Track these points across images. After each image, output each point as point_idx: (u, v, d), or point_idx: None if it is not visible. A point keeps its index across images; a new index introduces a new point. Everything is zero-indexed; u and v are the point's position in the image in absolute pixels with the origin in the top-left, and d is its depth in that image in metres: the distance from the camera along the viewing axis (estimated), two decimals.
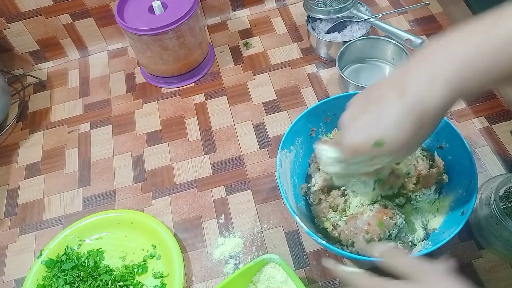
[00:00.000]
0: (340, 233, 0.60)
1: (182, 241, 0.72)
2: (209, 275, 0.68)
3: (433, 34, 0.93)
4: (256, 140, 0.82)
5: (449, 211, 0.61)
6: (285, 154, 0.65)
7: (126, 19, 0.85)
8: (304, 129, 0.68)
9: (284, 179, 0.63)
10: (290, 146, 0.67)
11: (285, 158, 0.65)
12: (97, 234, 0.73)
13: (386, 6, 1.00)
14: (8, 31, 0.95)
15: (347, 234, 0.59)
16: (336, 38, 0.90)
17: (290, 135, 0.66)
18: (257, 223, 0.72)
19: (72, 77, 0.99)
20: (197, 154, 0.82)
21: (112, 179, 0.81)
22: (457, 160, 0.62)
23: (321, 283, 0.65)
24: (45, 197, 0.80)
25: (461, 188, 0.61)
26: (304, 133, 0.69)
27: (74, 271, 0.68)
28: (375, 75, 0.87)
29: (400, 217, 0.59)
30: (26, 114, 0.94)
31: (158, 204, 0.76)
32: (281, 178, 0.62)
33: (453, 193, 0.62)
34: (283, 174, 0.63)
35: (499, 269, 0.63)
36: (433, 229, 0.62)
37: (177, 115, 0.88)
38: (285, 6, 1.04)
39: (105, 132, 0.88)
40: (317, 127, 0.70)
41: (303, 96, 0.87)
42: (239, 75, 0.93)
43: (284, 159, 0.65)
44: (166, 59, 0.87)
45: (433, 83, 0.39)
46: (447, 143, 0.64)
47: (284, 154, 0.65)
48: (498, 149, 0.75)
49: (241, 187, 0.76)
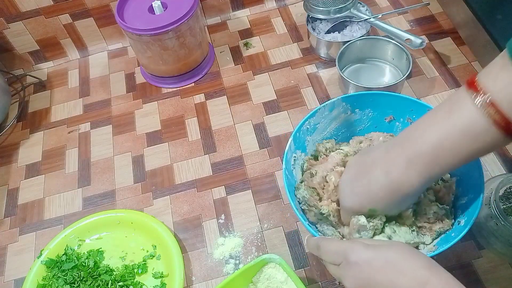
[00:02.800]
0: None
1: (182, 241, 0.72)
2: (209, 275, 0.68)
3: (433, 34, 0.93)
4: (256, 140, 0.82)
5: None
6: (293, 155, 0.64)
7: (126, 19, 0.85)
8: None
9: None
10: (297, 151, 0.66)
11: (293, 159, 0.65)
12: (97, 234, 0.73)
13: (386, 6, 1.00)
14: (8, 31, 0.95)
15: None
16: (336, 38, 0.90)
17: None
18: (257, 223, 0.72)
19: (72, 77, 0.99)
20: (197, 154, 0.82)
21: (112, 179, 0.81)
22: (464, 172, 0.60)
23: (321, 283, 0.65)
24: (45, 197, 0.80)
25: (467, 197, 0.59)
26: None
27: (74, 271, 0.68)
28: (375, 75, 0.87)
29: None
30: (26, 114, 0.94)
31: (158, 204, 0.77)
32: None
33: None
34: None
35: (499, 269, 0.63)
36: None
37: (177, 115, 0.88)
38: (285, 6, 1.04)
39: (105, 132, 0.88)
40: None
41: (303, 96, 0.87)
42: (239, 75, 0.93)
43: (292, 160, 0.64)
44: (166, 59, 0.87)
45: (409, 170, 0.48)
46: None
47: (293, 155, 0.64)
48: (498, 149, 0.74)
49: (241, 187, 0.76)
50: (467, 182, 0.59)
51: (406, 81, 0.85)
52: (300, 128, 0.65)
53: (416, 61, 0.88)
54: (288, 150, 0.62)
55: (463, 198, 0.59)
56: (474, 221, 0.53)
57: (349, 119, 0.68)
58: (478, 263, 0.64)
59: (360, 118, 0.68)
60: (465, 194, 0.59)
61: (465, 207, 0.58)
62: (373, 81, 0.86)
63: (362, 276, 0.44)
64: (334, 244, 0.49)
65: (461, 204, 0.59)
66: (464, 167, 0.57)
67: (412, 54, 0.86)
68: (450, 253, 0.65)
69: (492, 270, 0.63)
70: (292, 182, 0.62)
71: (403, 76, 0.79)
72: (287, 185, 0.59)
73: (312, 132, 0.67)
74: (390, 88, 0.79)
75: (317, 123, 0.66)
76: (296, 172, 0.64)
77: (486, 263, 0.64)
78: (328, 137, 0.68)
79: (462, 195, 0.60)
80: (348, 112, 0.68)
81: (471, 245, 0.65)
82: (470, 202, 0.57)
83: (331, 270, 0.49)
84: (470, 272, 0.63)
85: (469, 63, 0.87)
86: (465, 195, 0.59)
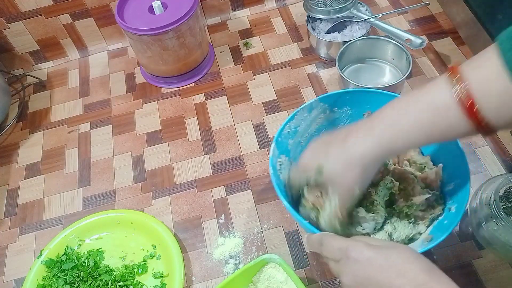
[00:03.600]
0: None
1: (182, 241, 0.72)
2: (209, 275, 0.68)
3: (433, 34, 0.93)
4: (256, 140, 0.82)
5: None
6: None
7: (126, 19, 0.85)
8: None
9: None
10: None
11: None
12: (97, 234, 0.73)
13: (386, 6, 1.00)
14: (8, 31, 0.95)
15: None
16: (336, 38, 0.90)
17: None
18: (257, 223, 0.72)
19: (72, 77, 0.99)
20: (197, 154, 0.82)
21: (112, 179, 0.81)
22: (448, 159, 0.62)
23: (321, 283, 0.65)
24: (45, 197, 0.80)
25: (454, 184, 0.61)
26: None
27: (74, 271, 0.68)
28: (375, 75, 0.87)
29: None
30: (26, 114, 0.94)
31: (158, 204, 0.76)
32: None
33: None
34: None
35: (499, 269, 0.63)
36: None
37: (177, 115, 0.88)
38: (285, 6, 1.04)
39: (105, 132, 0.88)
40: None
41: (303, 96, 0.87)
42: (239, 75, 0.93)
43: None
44: (166, 59, 0.87)
45: (367, 136, 0.49)
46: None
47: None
48: (498, 149, 0.75)
49: (241, 187, 0.76)
50: (452, 168, 0.61)
51: (406, 81, 0.85)
52: (281, 132, 0.65)
53: (416, 61, 0.88)
54: (273, 156, 0.62)
55: (450, 184, 0.61)
56: (465, 208, 0.55)
57: (329, 118, 0.69)
58: (478, 263, 0.64)
59: (339, 117, 0.69)
60: (451, 180, 0.61)
61: (453, 193, 0.60)
62: (373, 81, 0.86)
63: (360, 273, 0.44)
64: (338, 241, 0.49)
65: (449, 190, 0.61)
66: (446, 154, 0.61)
67: (412, 54, 0.86)
68: (450, 253, 0.65)
69: (492, 270, 0.63)
70: (281, 186, 0.61)
71: (403, 76, 0.79)
72: (278, 189, 0.58)
73: (294, 135, 0.67)
74: (390, 88, 0.78)
75: (298, 125, 0.67)
76: (283, 177, 0.63)
77: (486, 263, 0.64)
78: (309, 138, 0.68)
79: (449, 181, 0.62)
80: (327, 111, 0.68)
81: (471, 245, 0.65)
82: (458, 187, 0.59)
83: (332, 266, 0.49)
84: (470, 272, 0.63)
85: None
86: (451, 181, 0.61)
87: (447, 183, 0.62)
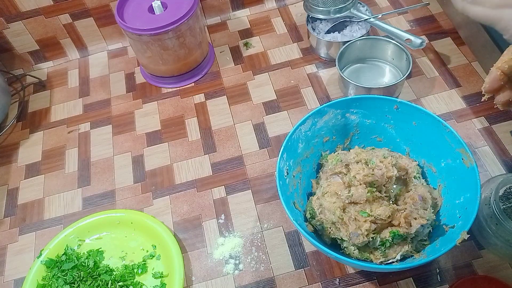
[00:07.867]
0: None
1: (182, 241, 0.72)
2: (209, 275, 0.68)
3: (433, 34, 0.93)
4: (256, 140, 0.82)
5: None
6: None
7: (126, 19, 0.85)
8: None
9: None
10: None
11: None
12: (97, 234, 0.73)
13: (386, 6, 1.00)
14: (8, 31, 0.95)
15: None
16: (336, 38, 0.90)
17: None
18: (257, 223, 0.72)
19: (72, 77, 0.99)
20: (197, 154, 0.82)
21: (112, 179, 0.81)
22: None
23: (321, 283, 0.65)
24: (45, 197, 0.80)
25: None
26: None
27: (74, 271, 0.68)
28: (375, 75, 0.87)
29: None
30: (26, 114, 0.94)
31: (158, 204, 0.76)
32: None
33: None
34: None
35: (499, 269, 0.63)
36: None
37: (177, 115, 0.88)
38: (285, 6, 1.04)
39: (105, 132, 0.88)
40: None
41: (303, 96, 0.87)
42: (239, 75, 0.93)
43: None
44: (166, 59, 0.87)
45: None
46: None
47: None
48: (498, 149, 0.75)
49: (241, 187, 0.76)
50: (459, 184, 0.60)
51: (406, 81, 0.85)
52: (291, 137, 0.64)
53: (416, 61, 0.88)
54: (281, 160, 0.62)
55: (459, 197, 0.60)
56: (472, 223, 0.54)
57: (339, 123, 0.69)
58: (478, 263, 0.64)
59: (350, 123, 0.69)
60: (460, 194, 0.60)
61: (462, 206, 0.58)
62: (373, 81, 0.86)
63: None
64: None
65: (459, 203, 0.60)
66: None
67: (412, 54, 0.86)
68: (450, 253, 0.65)
69: (492, 270, 0.63)
70: (286, 191, 0.61)
71: (403, 76, 0.79)
72: (282, 195, 0.58)
73: (304, 139, 0.66)
74: (390, 88, 0.79)
75: (307, 130, 0.67)
76: (289, 181, 0.63)
77: (486, 263, 0.64)
78: (319, 142, 0.68)
79: (457, 195, 0.60)
80: (339, 117, 0.68)
81: (471, 245, 0.65)
82: (467, 201, 0.57)
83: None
84: (470, 272, 0.63)
85: (469, 63, 0.87)
86: (460, 195, 0.60)
87: (456, 197, 0.61)
